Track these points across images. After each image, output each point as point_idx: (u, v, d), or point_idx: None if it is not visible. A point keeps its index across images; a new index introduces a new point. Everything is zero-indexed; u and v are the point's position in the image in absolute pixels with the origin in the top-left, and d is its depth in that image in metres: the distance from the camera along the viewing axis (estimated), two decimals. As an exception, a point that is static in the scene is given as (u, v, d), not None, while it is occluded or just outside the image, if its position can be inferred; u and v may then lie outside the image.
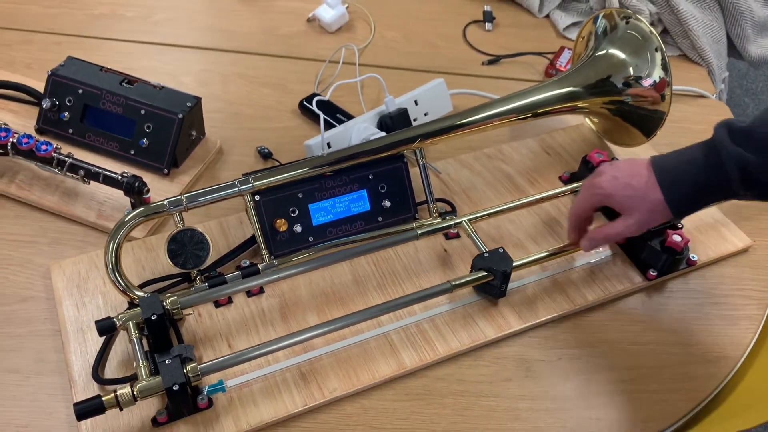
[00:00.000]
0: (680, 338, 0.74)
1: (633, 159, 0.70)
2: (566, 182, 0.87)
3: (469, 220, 0.77)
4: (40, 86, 0.88)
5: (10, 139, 0.77)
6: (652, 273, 0.77)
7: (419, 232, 0.76)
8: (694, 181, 0.65)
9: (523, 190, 0.87)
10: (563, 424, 0.66)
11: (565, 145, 0.93)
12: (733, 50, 1.17)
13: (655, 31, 0.82)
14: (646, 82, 0.82)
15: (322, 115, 0.83)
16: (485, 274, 0.71)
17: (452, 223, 0.77)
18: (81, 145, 0.85)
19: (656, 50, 0.82)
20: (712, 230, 0.83)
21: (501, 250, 0.72)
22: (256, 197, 0.73)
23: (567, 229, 0.75)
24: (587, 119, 0.96)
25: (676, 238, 0.76)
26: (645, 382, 0.70)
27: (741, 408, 0.72)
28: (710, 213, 0.85)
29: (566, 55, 1.07)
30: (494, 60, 1.09)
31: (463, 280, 0.70)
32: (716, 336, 0.74)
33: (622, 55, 0.84)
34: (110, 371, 0.66)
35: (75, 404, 0.57)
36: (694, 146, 0.67)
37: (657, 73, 0.82)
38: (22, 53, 1.00)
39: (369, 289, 0.74)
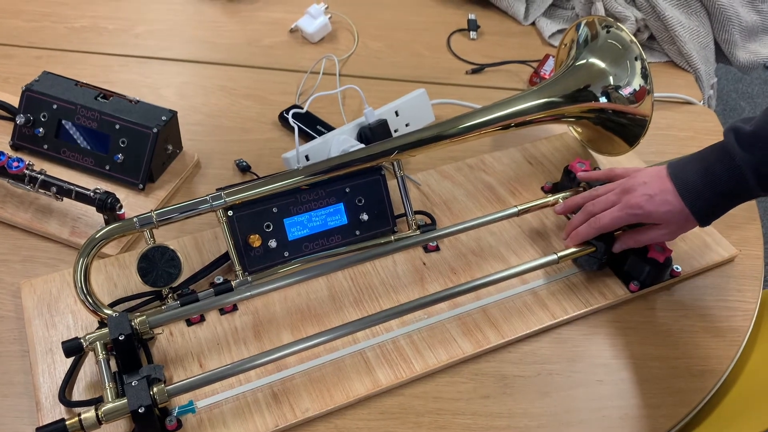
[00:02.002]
0: (663, 352, 0.72)
1: (654, 171, 0.72)
2: (548, 192, 0.86)
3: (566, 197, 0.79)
4: (17, 101, 0.87)
5: (-18, 156, 0.76)
6: (635, 285, 0.75)
7: (397, 245, 0.75)
8: (715, 190, 0.67)
9: (505, 200, 0.86)
10: (541, 442, 0.64)
11: (548, 154, 0.92)
12: (722, 56, 1.16)
13: (635, 40, 0.81)
14: (626, 91, 0.81)
15: (296, 128, 0.82)
16: (587, 245, 0.74)
17: (431, 236, 0.76)
18: (56, 160, 0.84)
19: (636, 59, 0.81)
20: (696, 240, 0.82)
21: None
22: (230, 212, 0.72)
23: (582, 235, 0.74)
24: (570, 128, 0.95)
25: (659, 249, 0.75)
26: (626, 397, 0.68)
27: (727, 422, 0.71)
28: (695, 223, 0.84)
29: (551, 63, 1.06)
30: (478, 69, 1.08)
31: (568, 253, 0.74)
32: (701, 349, 0.73)
33: (602, 65, 0.83)
34: (79, 393, 0.64)
35: (37, 429, 0.56)
36: (707, 153, 0.69)
37: (637, 82, 0.81)
38: (0, 67, 1.00)
39: (345, 304, 0.73)
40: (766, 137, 0.64)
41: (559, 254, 0.74)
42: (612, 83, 0.82)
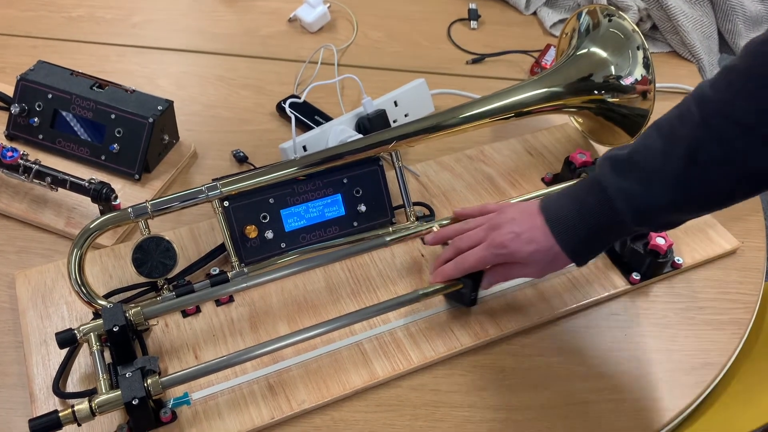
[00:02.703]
0: (664, 344, 0.71)
1: (524, 207, 0.67)
2: (549, 183, 0.85)
3: (442, 225, 0.75)
4: (12, 91, 0.86)
5: (-24, 146, 0.76)
6: (635, 277, 0.75)
7: (395, 236, 0.74)
8: (587, 225, 0.61)
9: (505, 192, 0.85)
10: (540, 435, 0.64)
11: (548, 145, 0.91)
12: (725, 46, 1.14)
13: (638, 29, 0.80)
14: (627, 81, 0.80)
15: (293, 118, 0.81)
16: (455, 282, 0.69)
17: (429, 226, 0.75)
18: (51, 150, 0.84)
19: (638, 48, 0.80)
20: (698, 232, 0.81)
21: None
22: (225, 203, 0.71)
23: (447, 274, 0.68)
24: (571, 118, 0.94)
25: (660, 240, 0.74)
26: (626, 390, 0.67)
27: (728, 415, 0.70)
28: (696, 214, 0.83)
29: (552, 53, 1.04)
30: (478, 59, 1.07)
31: (432, 290, 0.68)
32: (701, 341, 0.72)
33: (603, 54, 0.82)
34: (74, 384, 0.64)
35: (30, 420, 0.56)
36: (579, 185, 0.63)
37: (639, 72, 0.80)
38: (-4, 57, 0.99)
39: (342, 296, 0.72)
40: (642, 162, 0.58)
41: (421, 291, 0.68)
42: (613, 73, 0.81)
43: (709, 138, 0.54)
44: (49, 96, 0.82)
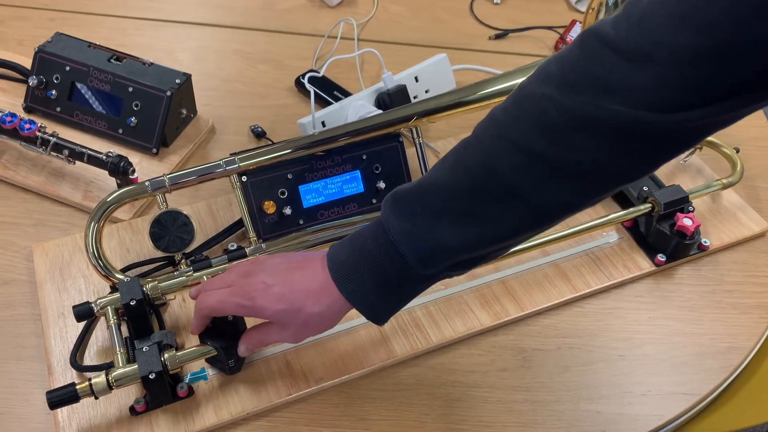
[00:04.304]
0: (689, 327, 0.70)
1: (305, 255, 0.57)
2: (572, 162, 0.83)
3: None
4: (30, 64, 0.85)
5: (-6, 118, 0.75)
6: (661, 258, 0.73)
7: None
8: (372, 272, 0.52)
9: (527, 170, 0.83)
10: (560, 416, 0.62)
11: (572, 123, 0.89)
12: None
13: (668, 2, 0.77)
14: (658, 56, 0.77)
15: (312, 93, 0.79)
16: (210, 347, 0.60)
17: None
18: (69, 123, 0.83)
19: (669, 22, 0.77)
20: (726, 213, 0.78)
21: None
22: (243, 178, 0.70)
23: (193, 325, 0.59)
24: (597, 96, 0.91)
25: (687, 221, 0.72)
26: (649, 374, 0.66)
27: (754, 401, 0.69)
28: (724, 195, 0.80)
29: (577, 29, 1.02)
30: (502, 34, 1.04)
31: (186, 355, 0.59)
32: (728, 325, 0.70)
33: (632, 28, 0.79)
34: (91, 358, 0.64)
35: (47, 393, 0.56)
36: (366, 227, 0.54)
37: (669, 46, 0.77)
38: (14, 30, 0.98)
39: (361, 273, 0.71)
40: (426, 198, 0.50)
41: (167, 356, 0.58)
42: (642, 48, 0.78)
43: (494, 166, 0.48)
44: (67, 68, 0.82)
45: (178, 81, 0.80)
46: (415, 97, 0.88)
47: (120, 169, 0.73)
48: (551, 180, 0.48)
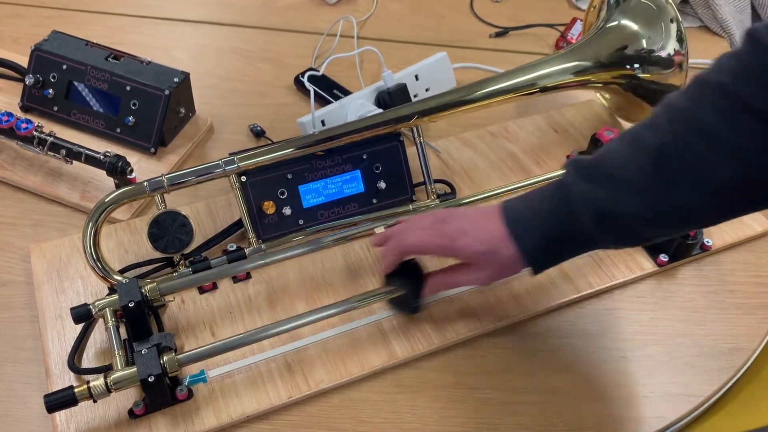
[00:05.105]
0: (691, 328, 0.69)
1: (481, 207, 0.63)
2: (574, 162, 0.83)
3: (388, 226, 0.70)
4: (26, 62, 0.85)
5: (-9, 117, 0.74)
6: (663, 258, 0.72)
7: (416, 214, 0.72)
8: (547, 229, 0.57)
9: (529, 169, 0.82)
10: (561, 418, 0.62)
11: (574, 122, 0.88)
12: (758, 21, 1.10)
13: (671, 1, 0.77)
14: (660, 55, 0.77)
15: (312, 92, 0.79)
16: (397, 288, 0.65)
17: (451, 206, 0.73)
18: (66, 123, 0.82)
19: (671, 21, 0.76)
20: (728, 213, 0.78)
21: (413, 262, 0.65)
22: (243, 178, 0.70)
23: (385, 263, 0.63)
24: (598, 94, 0.91)
25: (689, 221, 0.71)
26: (651, 375, 0.65)
27: (757, 402, 0.68)
28: (727, 195, 0.80)
29: (578, 27, 1.01)
30: (502, 32, 1.04)
31: (372, 296, 0.64)
32: (730, 326, 0.70)
33: (634, 27, 0.79)
34: (89, 360, 0.63)
35: (45, 396, 0.55)
36: (545, 187, 0.59)
37: (672, 46, 0.76)
38: (10, 27, 0.98)
39: (361, 275, 0.71)
40: (607, 169, 0.55)
41: (356, 300, 0.64)
42: (645, 47, 0.78)
43: (675, 147, 0.51)
44: (64, 67, 0.81)
45: (176, 80, 0.80)
46: (415, 96, 0.87)
47: (118, 169, 0.72)
48: (726, 160, 0.50)
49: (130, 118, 0.80)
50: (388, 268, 0.64)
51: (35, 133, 0.74)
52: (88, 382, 0.56)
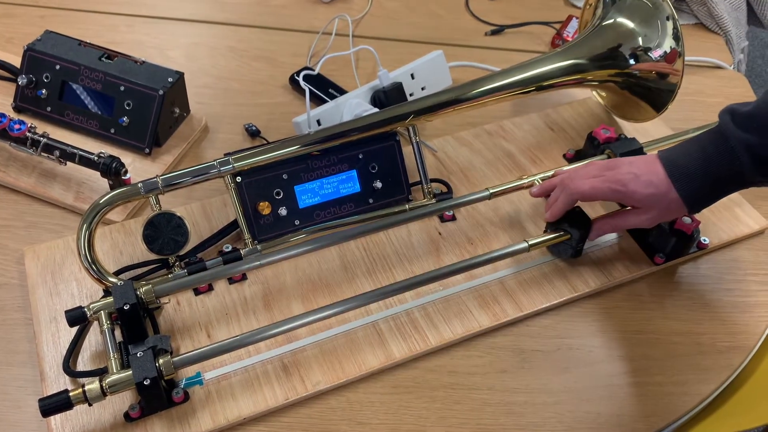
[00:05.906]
0: (688, 327, 0.69)
1: (641, 156, 0.68)
2: (570, 160, 0.83)
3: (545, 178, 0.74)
4: (19, 62, 0.84)
5: (-17, 118, 0.74)
6: (660, 257, 0.72)
7: (412, 214, 0.72)
8: (706, 172, 0.63)
9: (525, 168, 0.82)
10: (560, 419, 0.62)
11: (570, 120, 0.88)
12: (754, 18, 1.10)
13: (667, -2, 0.77)
14: (656, 53, 0.77)
15: (308, 91, 0.78)
16: (563, 233, 0.69)
17: (447, 205, 0.73)
18: (60, 123, 0.82)
19: (668, 19, 0.76)
20: (725, 211, 0.78)
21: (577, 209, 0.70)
22: (238, 179, 0.69)
23: (556, 210, 0.69)
24: (594, 93, 0.90)
25: (686, 220, 0.71)
26: (649, 374, 0.65)
27: (755, 401, 0.68)
28: (724, 193, 0.80)
29: (574, 25, 1.01)
30: (498, 30, 1.03)
31: (541, 239, 0.69)
32: (728, 324, 0.70)
33: (630, 24, 0.78)
34: (84, 363, 0.63)
35: (40, 400, 0.55)
36: (700, 136, 0.65)
37: (668, 44, 0.76)
38: (2, 27, 0.97)
39: (358, 275, 0.71)
40: (764, 118, 0.60)
41: (530, 242, 0.68)
42: (641, 44, 0.78)
43: None
44: (57, 67, 0.80)
45: (170, 79, 0.79)
46: (411, 95, 0.87)
47: (112, 170, 0.72)
48: None
49: (125, 118, 0.79)
50: (558, 214, 0.69)
51: (28, 134, 0.73)
52: (83, 386, 0.55)
